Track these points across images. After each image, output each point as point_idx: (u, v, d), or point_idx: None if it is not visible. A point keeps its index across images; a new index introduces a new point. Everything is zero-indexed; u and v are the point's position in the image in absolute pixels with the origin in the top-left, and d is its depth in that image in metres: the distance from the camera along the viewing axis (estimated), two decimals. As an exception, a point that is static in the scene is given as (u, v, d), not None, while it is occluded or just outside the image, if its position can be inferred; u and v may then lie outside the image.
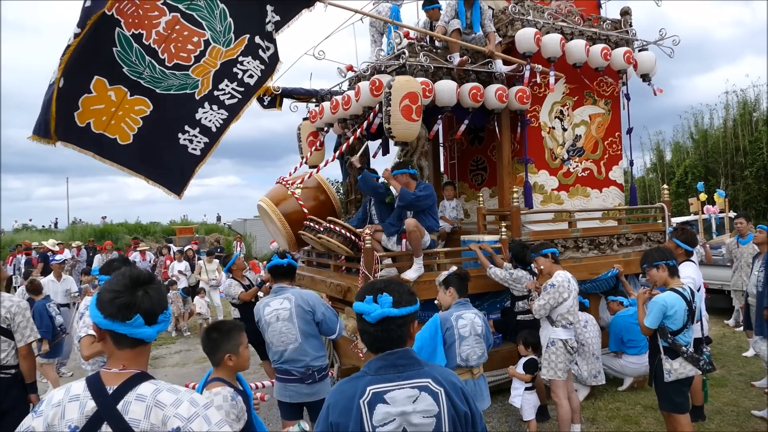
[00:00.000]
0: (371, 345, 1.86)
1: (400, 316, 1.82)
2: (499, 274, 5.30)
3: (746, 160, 17.77)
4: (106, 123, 4.11)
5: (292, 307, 3.75)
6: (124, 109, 4.14)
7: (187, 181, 4.56)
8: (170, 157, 4.42)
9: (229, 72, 4.38)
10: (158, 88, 4.20)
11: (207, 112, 4.41)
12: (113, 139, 4.17)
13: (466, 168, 7.57)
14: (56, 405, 1.57)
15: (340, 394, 1.81)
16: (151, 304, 1.62)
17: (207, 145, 4.51)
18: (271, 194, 6.16)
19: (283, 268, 3.94)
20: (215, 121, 4.46)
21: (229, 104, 4.46)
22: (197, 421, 1.52)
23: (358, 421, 1.72)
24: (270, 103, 7.33)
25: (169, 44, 4.13)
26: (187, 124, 4.39)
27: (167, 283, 10.91)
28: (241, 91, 4.46)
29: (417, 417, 1.74)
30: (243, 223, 29.18)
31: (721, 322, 8.69)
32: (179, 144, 4.41)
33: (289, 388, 3.78)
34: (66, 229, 28.98)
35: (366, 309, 1.82)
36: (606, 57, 6.33)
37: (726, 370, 6.38)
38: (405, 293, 1.86)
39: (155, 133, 4.30)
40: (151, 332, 1.62)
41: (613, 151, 7.07)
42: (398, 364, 1.81)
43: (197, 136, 4.44)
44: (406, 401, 1.74)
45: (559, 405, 4.53)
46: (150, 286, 1.65)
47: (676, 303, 3.71)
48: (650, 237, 6.83)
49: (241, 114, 4.53)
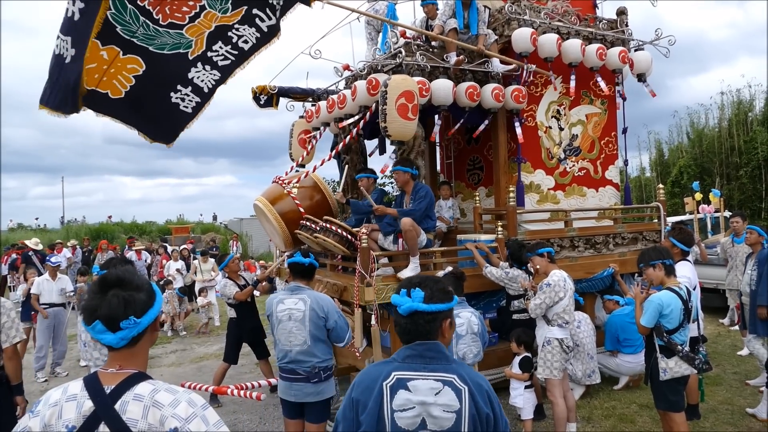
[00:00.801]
0: (401, 336, 1.93)
1: (429, 311, 1.87)
2: (495, 273, 5.31)
3: (741, 159, 17.83)
4: (98, 80, 4.17)
5: (306, 309, 3.71)
6: (116, 67, 4.18)
7: (177, 134, 4.65)
8: (161, 114, 4.49)
9: (224, 35, 4.37)
10: (151, 46, 4.21)
11: (199, 71, 4.44)
12: (104, 94, 4.24)
13: (463, 167, 7.58)
14: (53, 405, 1.56)
15: (366, 374, 1.92)
16: (109, 310, 1.55)
17: (198, 104, 4.55)
18: (268, 193, 6.15)
19: (304, 267, 3.88)
20: (207, 82, 4.48)
21: (221, 65, 4.47)
22: (195, 422, 1.51)
23: (378, 402, 1.80)
24: (266, 103, 7.33)
25: (165, 6, 4.14)
26: (180, 83, 4.44)
27: (163, 282, 10.89)
28: (235, 54, 4.45)
29: (437, 410, 1.77)
30: (239, 222, 29.15)
31: (716, 321, 8.73)
32: (171, 102, 4.47)
33: (294, 387, 3.76)
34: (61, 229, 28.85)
35: (398, 301, 1.91)
36: (602, 57, 6.35)
37: (721, 369, 6.42)
38: (438, 290, 1.92)
39: (147, 91, 4.35)
40: (113, 339, 1.56)
41: (610, 150, 7.09)
42: (426, 355, 1.86)
43: (189, 95, 4.48)
44: (428, 392, 1.79)
45: (555, 404, 4.54)
46: (116, 291, 1.58)
47: (673, 302, 3.73)
48: (646, 236, 6.85)
49: (233, 76, 4.54)
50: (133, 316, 1.57)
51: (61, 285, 7.81)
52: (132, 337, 1.59)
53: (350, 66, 6.83)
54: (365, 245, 5.05)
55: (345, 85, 6.85)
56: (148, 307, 1.63)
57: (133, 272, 1.68)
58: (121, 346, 1.59)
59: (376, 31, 7.18)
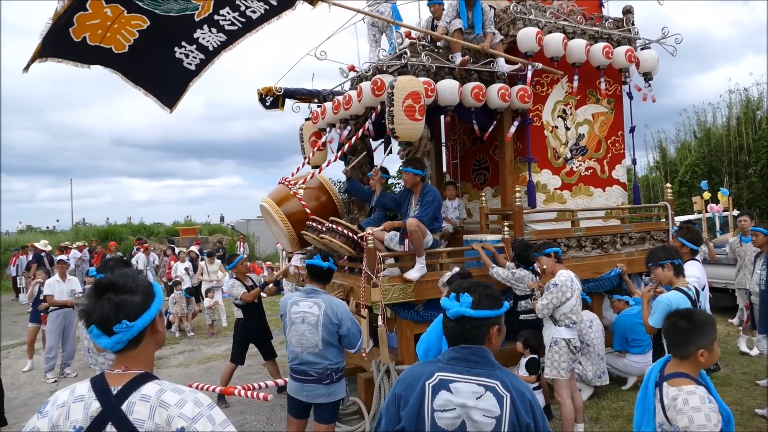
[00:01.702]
0: (448, 338, 1.96)
1: (476, 317, 1.90)
2: (501, 273, 5.30)
3: (750, 158, 17.70)
4: (101, 36, 4.12)
5: (320, 314, 3.69)
6: (120, 23, 4.13)
7: (180, 95, 4.56)
8: (165, 69, 4.42)
9: (232, 2, 4.29)
10: (157, 10, 4.16)
11: (205, 33, 4.37)
12: (108, 49, 4.19)
13: (469, 167, 7.57)
14: (61, 405, 1.57)
15: (410, 372, 1.97)
16: (101, 314, 1.55)
17: (202, 62, 4.48)
18: (274, 195, 6.17)
19: (321, 271, 3.84)
20: (213, 42, 4.41)
21: (228, 30, 4.39)
22: (201, 421, 1.52)
23: (419, 399, 1.84)
24: (272, 104, 7.36)
25: None
26: (184, 40, 4.37)
27: (171, 283, 10.95)
28: (243, 22, 4.37)
29: (478, 414, 1.79)
30: (246, 223, 29.22)
31: (725, 321, 8.67)
32: (174, 57, 4.41)
33: (306, 389, 3.76)
34: (70, 230, 29.06)
35: (448, 305, 1.94)
36: (608, 55, 6.32)
37: (730, 369, 6.37)
38: (486, 297, 1.94)
39: (151, 46, 4.28)
40: (109, 342, 1.57)
41: (616, 150, 7.06)
42: (470, 359, 1.88)
43: (193, 51, 4.42)
44: (469, 395, 1.80)
45: (563, 404, 4.53)
46: (109, 295, 1.57)
47: (681, 303, 3.69)
48: (653, 236, 6.82)
49: (239, 43, 4.43)
50: (126, 320, 1.56)
51: (71, 286, 7.87)
52: (128, 340, 1.59)
53: (355, 67, 6.84)
54: (371, 246, 5.05)
55: (350, 86, 6.86)
56: (143, 310, 1.60)
57: (128, 276, 1.64)
58: (118, 349, 1.60)
59: (380, 33, 7.19)
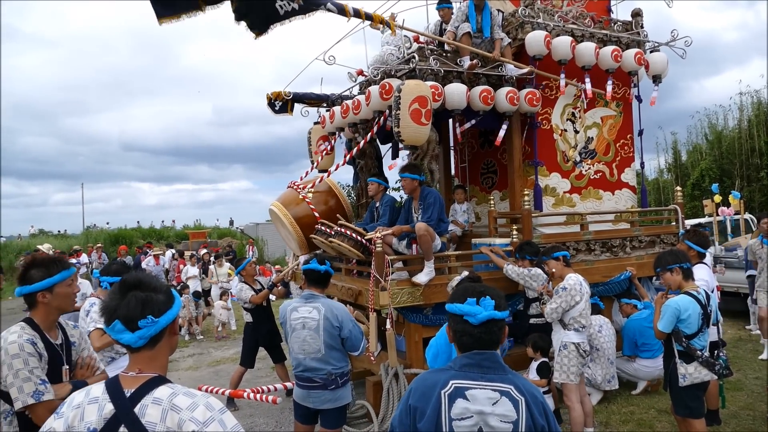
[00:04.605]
0: (468, 345, 1.90)
1: (501, 319, 1.90)
2: (516, 270, 5.28)
3: (762, 161, 17.54)
4: None
5: (320, 318, 3.68)
6: None
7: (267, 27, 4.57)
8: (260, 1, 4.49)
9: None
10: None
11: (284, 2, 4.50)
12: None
13: (477, 171, 7.57)
14: (76, 407, 1.60)
15: (422, 381, 1.92)
16: (127, 310, 1.60)
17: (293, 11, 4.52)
18: (283, 198, 6.20)
19: (319, 275, 3.83)
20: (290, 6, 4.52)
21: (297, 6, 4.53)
22: (213, 425, 1.53)
23: (436, 410, 1.81)
24: (281, 108, 7.41)
25: None
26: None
27: (180, 287, 11.02)
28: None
29: (495, 420, 1.79)
30: (255, 227, 29.37)
31: (737, 325, 8.59)
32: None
33: (312, 395, 3.74)
34: (81, 234, 29.33)
35: (472, 311, 1.88)
36: (617, 59, 6.30)
37: (742, 374, 6.30)
38: (502, 298, 1.94)
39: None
40: (132, 338, 1.61)
41: (625, 153, 7.03)
42: (483, 365, 1.87)
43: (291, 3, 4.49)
44: (486, 402, 1.80)
45: (572, 409, 4.51)
46: (135, 292, 1.63)
47: (690, 306, 3.67)
48: (663, 239, 6.77)
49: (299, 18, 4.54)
50: (151, 316, 1.62)
51: (82, 290, 7.94)
52: (150, 337, 1.63)
53: (364, 71, 6.87)
54: (380, 249, 5.07)
55: (359, 90, 6.89)
56: (167, 308, 1.67)
57: (151, 276, 1.75)
58: (140, 345, 1.63)
59: None
